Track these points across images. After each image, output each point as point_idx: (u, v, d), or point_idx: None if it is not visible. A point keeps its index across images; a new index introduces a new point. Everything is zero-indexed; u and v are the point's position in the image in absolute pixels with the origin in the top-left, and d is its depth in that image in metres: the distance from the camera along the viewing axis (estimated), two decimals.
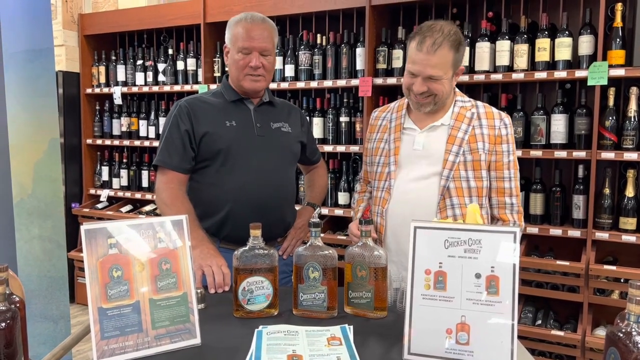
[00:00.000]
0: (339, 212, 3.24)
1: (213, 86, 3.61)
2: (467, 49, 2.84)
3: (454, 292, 1.14)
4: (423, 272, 1.17)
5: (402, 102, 1.84)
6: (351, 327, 1.33)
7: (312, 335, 1.28)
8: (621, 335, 1.00)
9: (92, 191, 4.29)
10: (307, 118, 2.50)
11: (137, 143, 4.03)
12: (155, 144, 3.94)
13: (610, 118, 2.57)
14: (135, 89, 4.02)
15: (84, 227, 1.19)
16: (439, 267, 1.16)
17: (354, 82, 3.15)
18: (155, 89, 3.93)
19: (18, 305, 1.24)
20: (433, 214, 1.68)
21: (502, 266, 1.12)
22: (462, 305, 1.13)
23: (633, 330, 1.00)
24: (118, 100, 4.10)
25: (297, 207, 2.05)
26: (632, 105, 2.53)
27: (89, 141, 4.27)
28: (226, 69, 3.62)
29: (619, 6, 2.52)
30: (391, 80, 3.05)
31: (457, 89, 1.79)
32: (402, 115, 1.80)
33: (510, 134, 1.72)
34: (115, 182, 4.20)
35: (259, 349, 1.20)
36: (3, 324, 1.13)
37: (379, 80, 3.08)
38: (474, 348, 1.11)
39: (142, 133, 4.04)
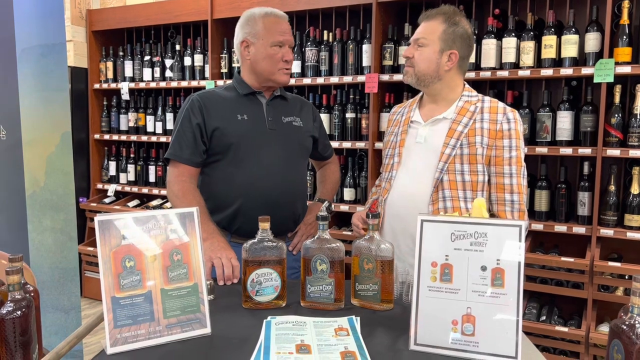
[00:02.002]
0: (344, 207, 3.26)
1: (220, 82, 3.64)
2: (474, 45, 2.84)
3: (460, 284, 1.16)
4: (429, 265, 1.19)
5: (416, 97, 1.88)
6: (358, 318, 1.35)
7: (319, 325, 1.30)
8: (625, 327, 1.02)
9: (100, 186, 4.32)
10: None
11: (144, 138, 4.06)
12: (163, 139, 3.97)
13: (616, 115, 2.57)
14: (142, 85, 4.05)
15: (98, 218, 1.22)
16: (445, 260, 1.18)
17: (361, 78, 3.17)
18: (163, 84, 3.95)
19: (32, 294, 1.27)
20: (426, 205, 1.70)
21: (508, 259, 1.14)
22: (467, 297, 1.15)
23: (636, 322, 1.01)
24: (125, 96, 4.12)
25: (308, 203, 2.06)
26: (638, 103, 2.54)
27: (97, 136, 4.30)
28: (234, 65, 3.66)
29: (625, 3, 2.53)
30: (397, 77, 3.06)
31: (466, 84, 1.81)
32: (412, 109, 1.83)
33: (514, 129, 1.70)
34: (123, 177, 4.23)
35: (268, 338, 1.23)
36: (19, 312, 1.16)
37: (385, 77, 3.10)
38: (479, 339, 1.13)
39: (150, 128, 4.07)
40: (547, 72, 2.69)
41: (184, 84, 3.85)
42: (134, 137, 4.12)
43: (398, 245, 1.72)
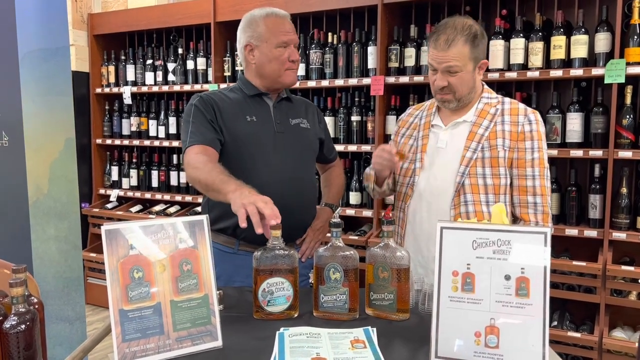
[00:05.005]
0: (350, 211, 3.22)
1: (223, 85, 3.60)
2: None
3: (483, 294, 1.11)
4: (450, 274, 1.14)
5: (434, 101, 1.84)
6: (374, 329, 1.30)
7: (335, 337, 1.26)
8: None
9: (102, 191, 4.28)
10: None
11: (146, 143, 4.02)
12: (165, 143, 3.93)
13: (628, 116, 2.53)
14: (144, 89, 4.01)
15: (105, 228, 1.18)
16: (466, 269, 1.13)
17: (366, 81, 3.13)
18: (165, 88, 3.91)
19: (37, 307, 1.23)
20: (448, 210, 1.66)
21: (533, 267, 1.09)
22: (491, 308, 1.10)
23: None
24: (128, 100, 4.09)
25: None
26: None
27: (99, 141, 4.26)
28: (237, 67, 3.62)
29: (636, 3, 2.49)
30: (403, 79, 3.02)
31: (485, 86, 1.77)
32: (432, 113, 1.80)
33: (536, 130, 1.66)
34: (125, 182, 4.19)
35: (282, 351, 1.18)
36: (23, 326, 1.12)
37: (391, 79, 3.06)
38: (504, 352, 1.09)
39: (152, 133, 4.03)
40: (556, 73, 2.65)
41: (187, 87, 3.81)
42: (136, 142, 4.08)
43: (421, 251, 1.69)
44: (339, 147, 3.21)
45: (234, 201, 1.38)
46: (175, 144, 3.86)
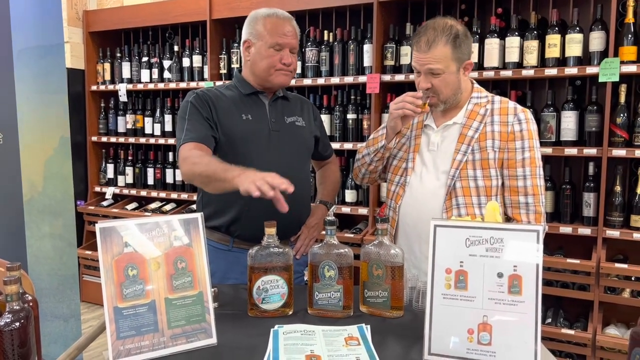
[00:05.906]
0: (346, 209, 3.22)
1: (219, 83, 3.59)
2: (476, 45, 2.82)
3: (476, 291, 1.12)
4: (443, 272, 1.15)
5: None
6: (368, 326, 1.31)
7: (329, 335, 1.26)
8: None
9: (97, 189, 4.27)
10: None
11: (142, 140, 4.02)
12: (161, 141, 3.92)
13: (622, 115, 2.54)
14: (140, 86, 4.01)
15: (99, 225, 1.18)
16: (459, 266, 1.14)
17: (362, 78, 3.13)
18: (161, 86, 3.91)
19: (31, 304, 1.23)
20: (440, 213, 1.67)
21: (525, 265, 1.10)
22: (484, 305, 1.11)
23: None
24: (123, 98, 4.08)
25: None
26: None
27: (94, 138, 4.25)
28: (233, 65, 3.61)
29: (630, 2, 2.50)
30: (399, 77, 3.03)
31: (476, 84, 1.77)
32: (425, 112, 1.79)
33: (526, 129, 1.65)
34: (121, 180, 4.18)
35: (276, 349, 1.19)
36: (17, 324, 1.12)
37: (386, 77, 3.06)
38: (496, 349, 1.10)
39: (148, 130, 4.02)
40: (551, 71, 2.66)
41: (183, 85, 3.81)
42: (132, 139, 4.07)
43: (413, 252, 1.69)
44: (335, 145, 3.21)
45: (241, 182, 1.37)
46: (171, 141, 3.86)
